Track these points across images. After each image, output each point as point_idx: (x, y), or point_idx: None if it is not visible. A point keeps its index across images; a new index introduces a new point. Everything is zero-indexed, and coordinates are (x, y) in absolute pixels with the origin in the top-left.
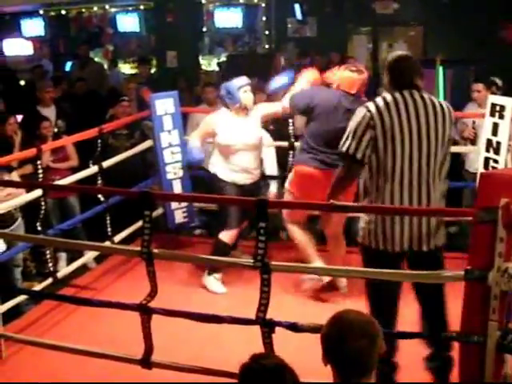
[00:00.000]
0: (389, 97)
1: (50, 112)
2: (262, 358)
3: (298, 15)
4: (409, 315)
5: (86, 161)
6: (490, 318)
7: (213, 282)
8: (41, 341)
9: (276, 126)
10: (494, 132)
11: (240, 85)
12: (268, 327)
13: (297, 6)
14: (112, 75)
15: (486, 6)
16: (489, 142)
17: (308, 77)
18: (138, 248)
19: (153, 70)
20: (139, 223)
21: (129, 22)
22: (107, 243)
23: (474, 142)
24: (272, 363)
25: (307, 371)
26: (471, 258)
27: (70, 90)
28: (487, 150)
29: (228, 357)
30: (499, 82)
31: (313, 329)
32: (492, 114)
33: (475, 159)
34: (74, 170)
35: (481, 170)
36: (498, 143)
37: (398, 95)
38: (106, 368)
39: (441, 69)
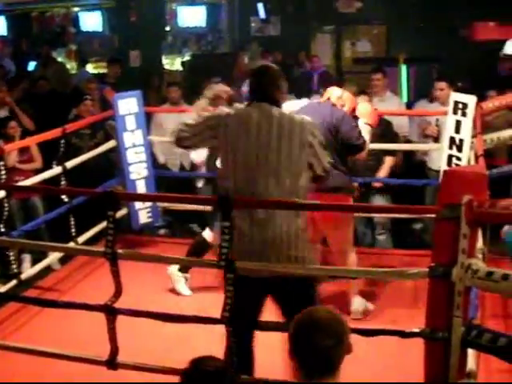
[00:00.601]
0: (241, 107)
1: (2, 113)
2: (202, 361)
3: (262, 14)
4: None
5: (49, 161)
6: (455, 314)
7: (180, 281)
8: (5, 343)
9: None
10: (457, 129)
11: None
12: (232, 326)
13: (260, 5)
14: (81, 75)
15: (448, 5)
16: (452, 139)
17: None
18: (102, 248)
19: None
20: (103, 224)
21: (91, 22)
22: (71, 244)
23: (436, 139)
24: (213, 367)
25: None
26: (435, 254)
27: (32, 89)
28: (450, 148)
29: (194, 357)
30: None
31: (279, 327)
32: (455, 112)
33: (438, 157)
34: (37, 171)
35: (444, 167)
36: (461, 141)
37: (248, 107)
38: (71, 370)
39: (404, 67)
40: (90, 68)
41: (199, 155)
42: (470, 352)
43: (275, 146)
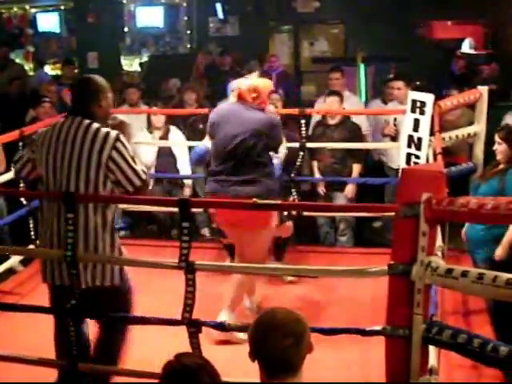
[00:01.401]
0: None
1: None
2: (184, 357)
3: (220, 14)
4: None
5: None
6: (415, 311)
7: None
8: None
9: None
10: (415, 128)
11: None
12: (194, 327)
13: (218, 6)
14: (39, 76)
15: (406, 5)
16: (410, 137)
17: None
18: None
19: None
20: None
21: (49, 23)
22: (31, 246)
23: (395, 138)
24: (194, 362)
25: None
26: (395, 252)
27: None
28: (409, 146)
29: (153, 358)
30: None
31: (240, 328)
32: (413, 110)
33: (397, 155)
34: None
35: (403, 165)
36: (420, 139)
37: (62, 121)
38: (31, 374)
39: (362, 66)
40: (48, 69)
41: (149, 157)
42: (431, 349)
43: (71, 165)
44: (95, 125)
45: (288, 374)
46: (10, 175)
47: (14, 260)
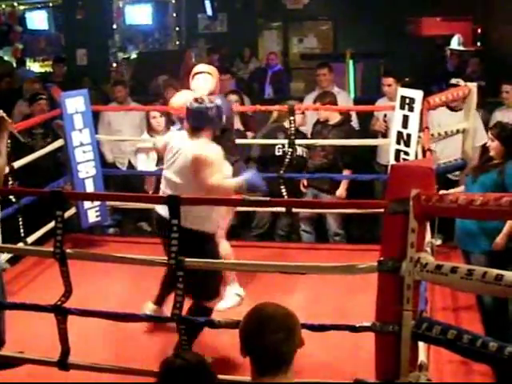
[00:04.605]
0: None
1: None
2: (182, 353)
3: (209, 11)
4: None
5: None
6: (404, 307)
7: None
8: None
9: None
10: (405, 124)
11: None
12: (184, 324)
13: (207, 2)
14: (21, 73)
15: (395, 1)
16: (399, 134)
17: None
18: (51, 248)
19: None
20: (52, 223)
21: (38, 20)
22: (20, 244)
23: (385, 134)
24: (193, 358)
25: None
26: (384, 249)
27: None
28: (398, 143)
29: (147, 356)
30: None
31: (230, 324)
32: (402, 107)
33: (386, 152)
34: None
35: (392, 161)
36: (409, 135)
37: None
38: (22, 371)
39: (351, 62)
40: (37, 67)
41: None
42: (421, 344)
43: None
44: None
45: (280, 368)
46: None
47: (2, 258)
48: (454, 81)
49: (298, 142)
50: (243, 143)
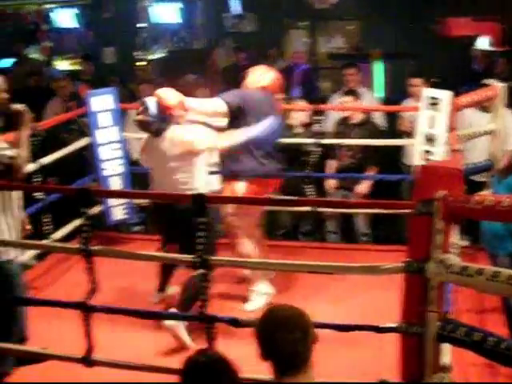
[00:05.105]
0: None
1: None
2: (205, 352)
3: (236, 10)
4: None
5: None
6: (429, 308)
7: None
8: None
9: None
10: (431, 125)
11: None
12: (208, 323)
13: (235, 1)
14: (49, 72)
15: (422, 2)
16: (425, 134)
17: None
18: (78, 245)
19: None
20: (79, 221)
21: (65, 18)
22: (46, 241)
23: (411, 135)
24: (215, 357)
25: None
26: (410, 250)
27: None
28: (424, 143)
29: (171, 354)
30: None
31: (253, 323)
32: (428, 107)
33: (412, 152)
34: None
35: (418, 162)
36: (435, 136)
37: None
38: (47, 367)
39: (378, 63)
40: (65, 65)
41: None
42: (445, 346)
43: None
44: None
45: (300, 368)
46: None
47: (28, 255)
48: (486, 81)
49: (325, 141)
50: None
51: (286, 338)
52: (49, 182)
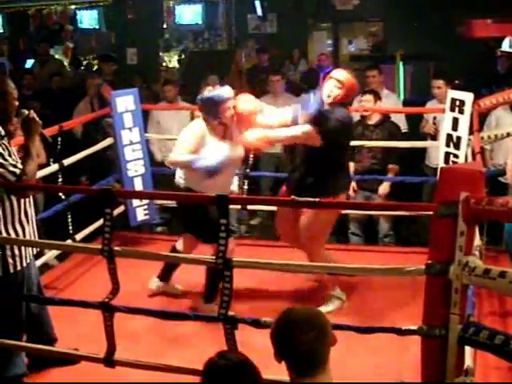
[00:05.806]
0: None
1: None
2: (226, 353)
3: (259, 11)
4: None
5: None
6: (452, 311)
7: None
8: (2, 341)
9: None
10: (454, 127)
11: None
12: (230, 324)
13: (257, 3)
14: (72, 72)
15: (446, 3)
16: (449, 136)
17: None
18: (100, 246)
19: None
20: (101, 221)
21: (89, 19)
22: (68, 241)
23: (434, 137)
24: (236, 358)
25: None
26: (432, 252)
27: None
28: (447, 145)
29: (192, 355)
30: None
31: None
32: (452, 109)
33: (435, 154)
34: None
35: (441, 164)
36: (458, 138)
37: None
38: (68, 367)
39: (401, 64)
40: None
41: None
42: (467, 349)
43: None
44: None
45: (317, 368)
46: (50, 169)
47: (50, 255)
48: None
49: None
50: None
51: (301, 338)
52: (80, 181)
